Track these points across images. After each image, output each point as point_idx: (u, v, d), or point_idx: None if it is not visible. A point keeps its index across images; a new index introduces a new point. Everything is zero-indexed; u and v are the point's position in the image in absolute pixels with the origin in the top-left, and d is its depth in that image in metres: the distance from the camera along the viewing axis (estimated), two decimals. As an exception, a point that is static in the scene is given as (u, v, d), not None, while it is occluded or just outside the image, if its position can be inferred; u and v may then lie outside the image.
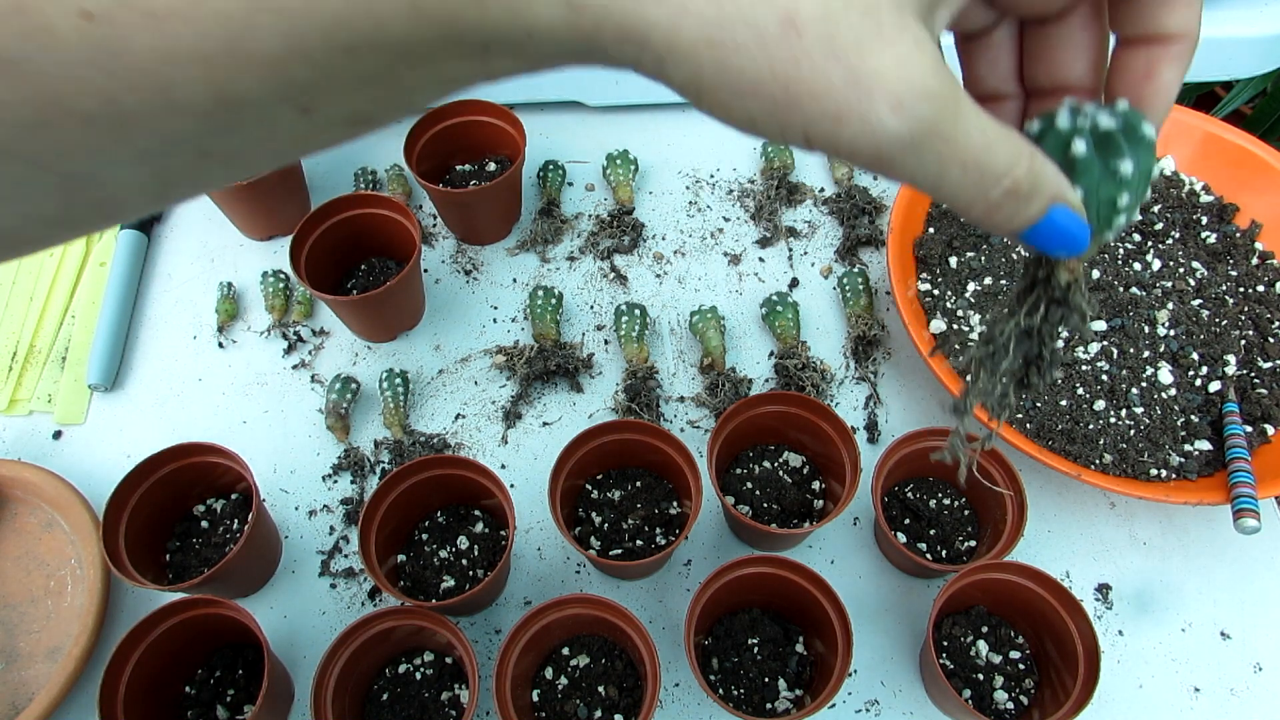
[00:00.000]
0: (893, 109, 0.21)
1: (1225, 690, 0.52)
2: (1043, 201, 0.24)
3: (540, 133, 0.76)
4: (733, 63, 0.21)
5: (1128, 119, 0.26)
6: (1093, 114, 0.25)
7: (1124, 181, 0.25)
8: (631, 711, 0.49)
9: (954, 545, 0.55)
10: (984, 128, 0.22)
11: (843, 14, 0.21)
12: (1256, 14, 0.71)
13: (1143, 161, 0.25)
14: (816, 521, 0.53)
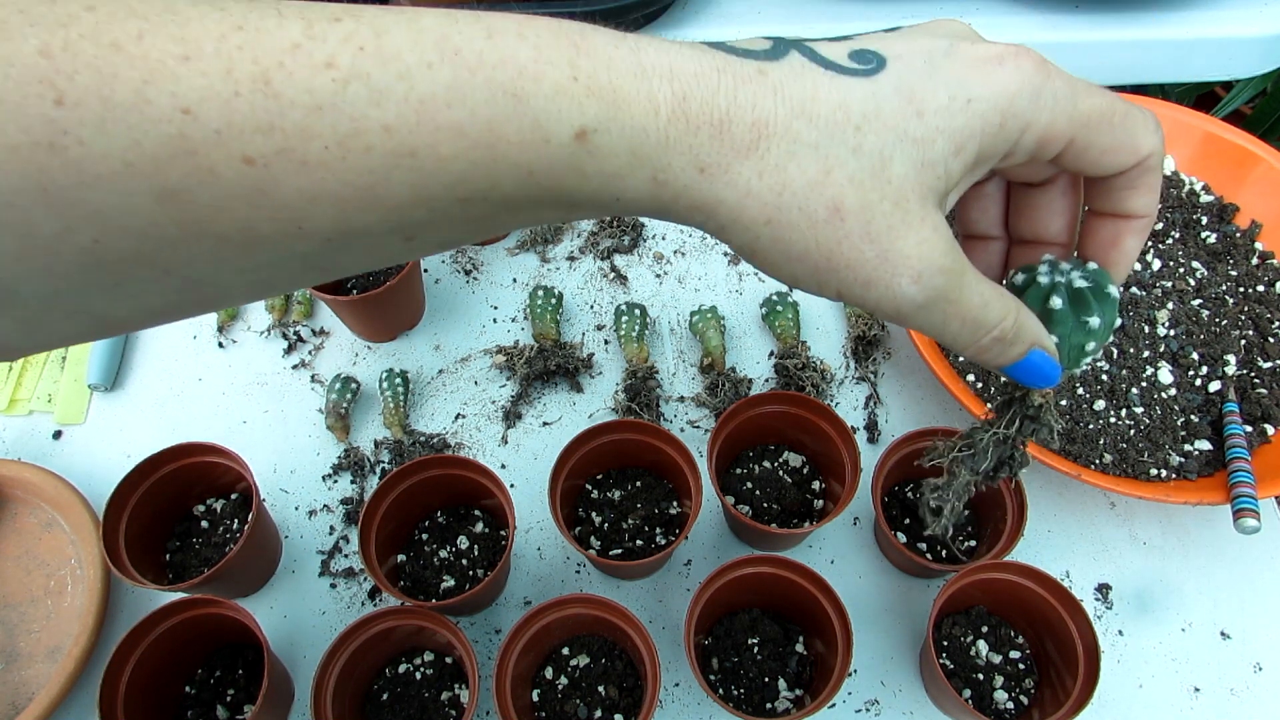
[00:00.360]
0: (912, 280, 0.27)
1: (1225, 690, 0.52)
2: (1023, 347, 0.30)
3: (540, 132, 0.76)
4: (785, 236, 0.27)
5: (1097, 278, 0.31)
6: (1068, 272, 0.31)
7: (1092, 331, 0.31)
8: (631, 711, 0.49)
9: (954, 545, 0.55)
10: (982, 291, 0.28)
11: (878, 205, 0.26)
12: (1256, 14, 0.71)
13: (1108, 315, 0.31)
14: (816, 521, 0.53)
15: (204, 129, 0.23)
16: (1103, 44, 0.71)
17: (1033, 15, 0.72)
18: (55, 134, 0.22)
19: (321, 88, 0.24)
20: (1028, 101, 0.27)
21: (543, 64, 0.25)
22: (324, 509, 0.60)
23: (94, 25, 0.22)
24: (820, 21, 0.72)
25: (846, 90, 0.26)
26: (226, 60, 0.23)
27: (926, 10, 0.72)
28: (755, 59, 0.27)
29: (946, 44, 0.28)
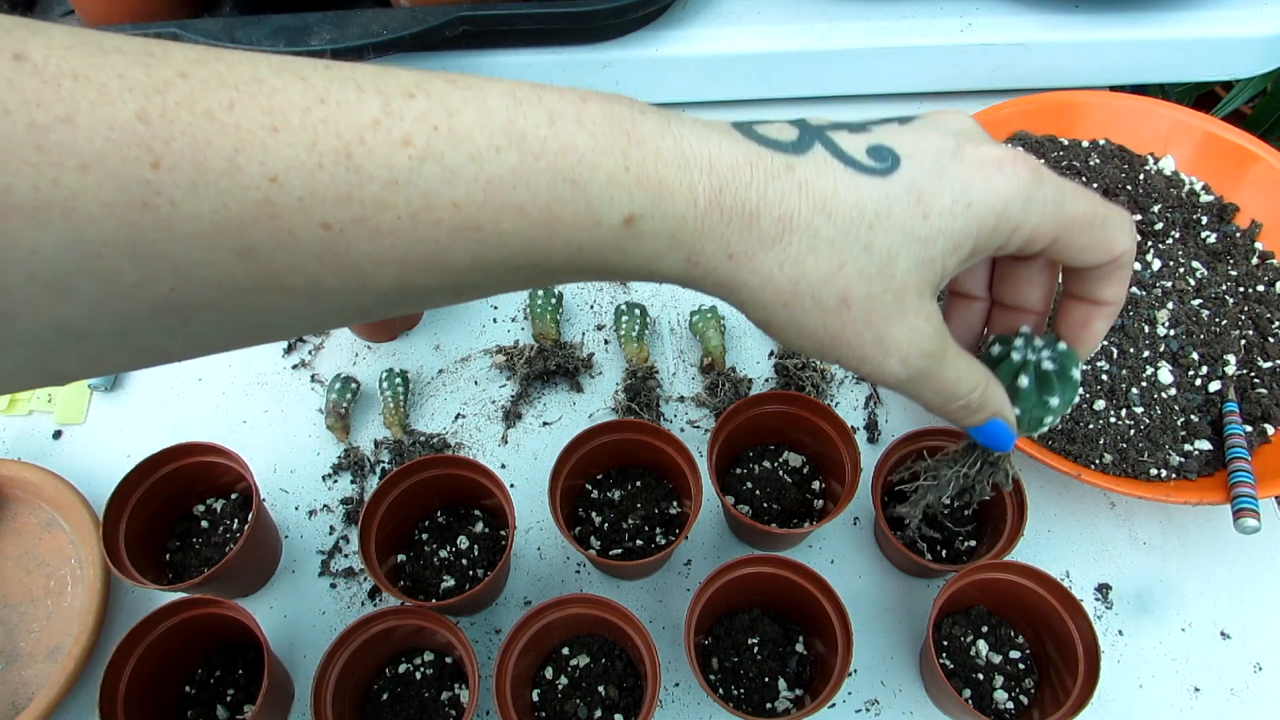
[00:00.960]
0: (900, 362, 0.31)
1: (1225, 690, 0.52)
2: (986, 415, 0.34)
3: (540, 132, 0.76)
4: (798, 318, 0.30)
5: (1063, 361, 0.35)
6: (1039, 350, 0.35)
7: (1051, 408, 0.35)
8: (631, 711, 0.49)
9: (954, 545, 0.55)
10: (957, 368, 0.33)
11: (881, 297, 0.30)
12: (1256, 14, 0.71)
13: (1068, 395, 0.35)
14: (816, 521, 0.53)
15: (288, 196, 0.25)
16: (1103, 44, 0.71)
17: (1033, 15, 0.72)
18: (149, 194, 0.23)
19: (399, 164, 0.26)
20: (1020, 207, 0.30)
21: (599, 153, 0.28)
22: (324, 509, 0.60)
23: (188, 92, 0.24)
24: (819, 21, 0.72)
25: (863, 190, 0.29)
26: (312, 133, 0.25)
27: (926, 10, 0.72)
28: (784, 152, 0.30)
29: (954, 144, 0.31)
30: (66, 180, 0.22)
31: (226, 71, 0.25)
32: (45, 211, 0.22)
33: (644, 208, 0.28)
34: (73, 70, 0.23)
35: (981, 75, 0.74)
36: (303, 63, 0.26)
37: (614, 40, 0.72)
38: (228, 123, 0.24)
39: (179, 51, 0.25)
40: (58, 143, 0.22)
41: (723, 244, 0.29)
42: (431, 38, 0.67)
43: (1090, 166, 0.66)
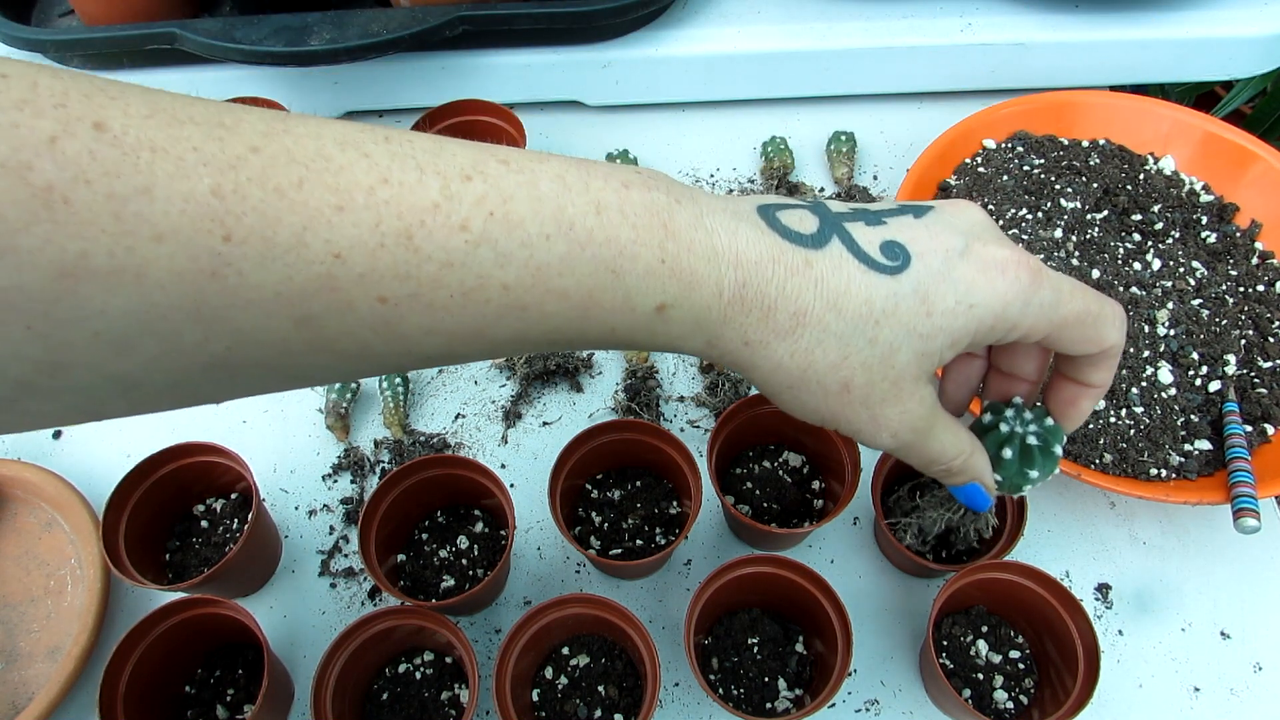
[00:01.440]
0: (891, 436, 0.34)
1: (1225, 690, 0.52)
2: (965, 479, 0.38)
3: (540, 132, 0.76)
4: (802, 398, 0.33)
5: (1048, 437, 0.38)
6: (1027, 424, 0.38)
7: (1030, 479, 0.38)
8: (631, 711, 0.49)
9: (954, 546, 0.55)
10: (942, 440, 0.36)
11: (879, 384, 0.33)
12: (1256, 14, 0.71)
13: (1047, 469, 0.38)
14: (816, 521, 0.53)
15: (350, 271, 0.26)
16: (1103, 44, 0.71)
17: (1033, 15, 0.72)
18: (219, 264, 0.24)
19: (455, 247, 0.27)
20: (1018, 309, 0.33)
21: (639, 245, 0.30)
22: (324, 509, 0.60)
23: (260, 169, 0.25)
24: (819, 21, 0.72)
25: (873, 288, 0.32)
26: (375, 214, 0.26)
27: (926, 10, 0.72)
28: (804, 246, 0.32)
29: (963, 243, 0.33)
30: (141, 249, 0.23)
31: (294, 146, 0.26)
32: (118, 277, 0.23)
33: (675, 298, 0.30)
34: (150, 142, 0.24)
35: (981, 75, 0.74)
36: (365, 136, 0.28)
37: (614, 40, 0.72)
38: (297, 200, 0.25)
39: (249, 122, 0.26)
40: (135, 213, 0.23)
41: (741, 332, 0.32)
42: (431, 37, 0.67)
43: (1090, 166, 0.66)
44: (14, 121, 0.22)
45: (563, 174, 0.30)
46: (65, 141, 0.22)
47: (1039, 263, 0.34)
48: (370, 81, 0.75)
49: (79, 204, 0.22)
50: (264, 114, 0.27)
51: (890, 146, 0.76)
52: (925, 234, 0.33)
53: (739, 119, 0.78)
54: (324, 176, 0.26)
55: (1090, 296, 0.35)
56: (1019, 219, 0.63)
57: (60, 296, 0.23)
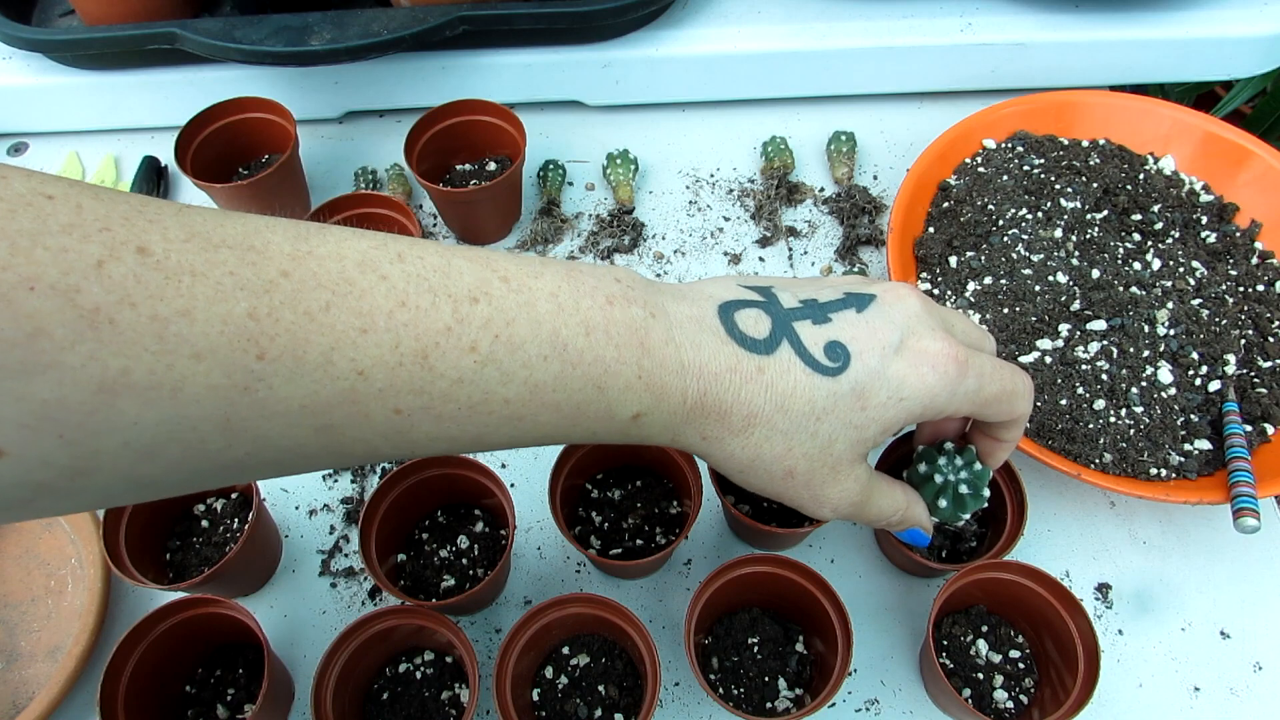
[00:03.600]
0: (832, 510, 0.39)
1: (1225, 689, 0.52)
2: (905, 527, 0.44)
3: (540, 132, 0.76)
4: (750, 480, 0.38)
5: (977, 482, 0.44)
6: (959, 471, 0.43)
7: (962, 518, 0.44)
8: (631, 711, 0.49)
9: (954, 546, 0.55)
10: (880, 505, 0.41)
11: (819, 470, 0.37)
12: (1256, 14, 0.71)
13: (977, 506, 0.44)
14: (816, 521, 0.53)
15: (371, 387, 0.29)
16: (1103, 44, 0.71)
17: (1033, 15, 0.72)
18: (251, 380, 0.26)
19: (465, 367, 0.30)
20: (945, 399, 0.37)
21: (620, 364, 0.33)
22: (324, 508, 0.60)
23: (291, 294, 0.27)
24: (819, 21, 0.72)
25: (816, 390, 0.36)
26: (395, 335, 0.29)
27: (926, 10, 0.72)
28: (758, 353, 0.36)
29: (898, 338, 0.37)
30: (180, 366, 0.25)
31: (320, 270, 0.28)
32: (155, 392, 0.25)
33: (648, 408, 0.35)
34: (190, 266, 0.25)
35: (981, 75, 0.74)
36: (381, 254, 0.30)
37: (614, 40, 0.72)
38: (325, 323, 0.28)
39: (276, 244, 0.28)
40: (176, 334, 0.25)
41: (700, 430, 0.36)
42: (431, 37, 0.67)
43: (1090, 166, 0.66)
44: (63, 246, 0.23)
45: (556, 292, 0.33)
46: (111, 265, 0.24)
47: (966, 352, 0.38)
48: (370, 81, 0.75)
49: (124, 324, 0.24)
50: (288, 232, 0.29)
51: (890, 146, 0.76)
52: (865, 331, 0.37)
53: (739, 119, 0.78)
54: (348, 300, 0.28)
55: (1006, 376, 0.39)
56: (1019, 219, 0.63)
57: (97, 409, 0.24)
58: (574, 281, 0.34)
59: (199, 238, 0.26)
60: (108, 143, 0.78)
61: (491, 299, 0.31)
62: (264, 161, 0.73)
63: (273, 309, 0.26)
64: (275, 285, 0.27)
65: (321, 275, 0.28)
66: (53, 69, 0.74)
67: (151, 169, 0.75)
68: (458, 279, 0.31)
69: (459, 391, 0.30)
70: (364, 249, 0.30)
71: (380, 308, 0.29)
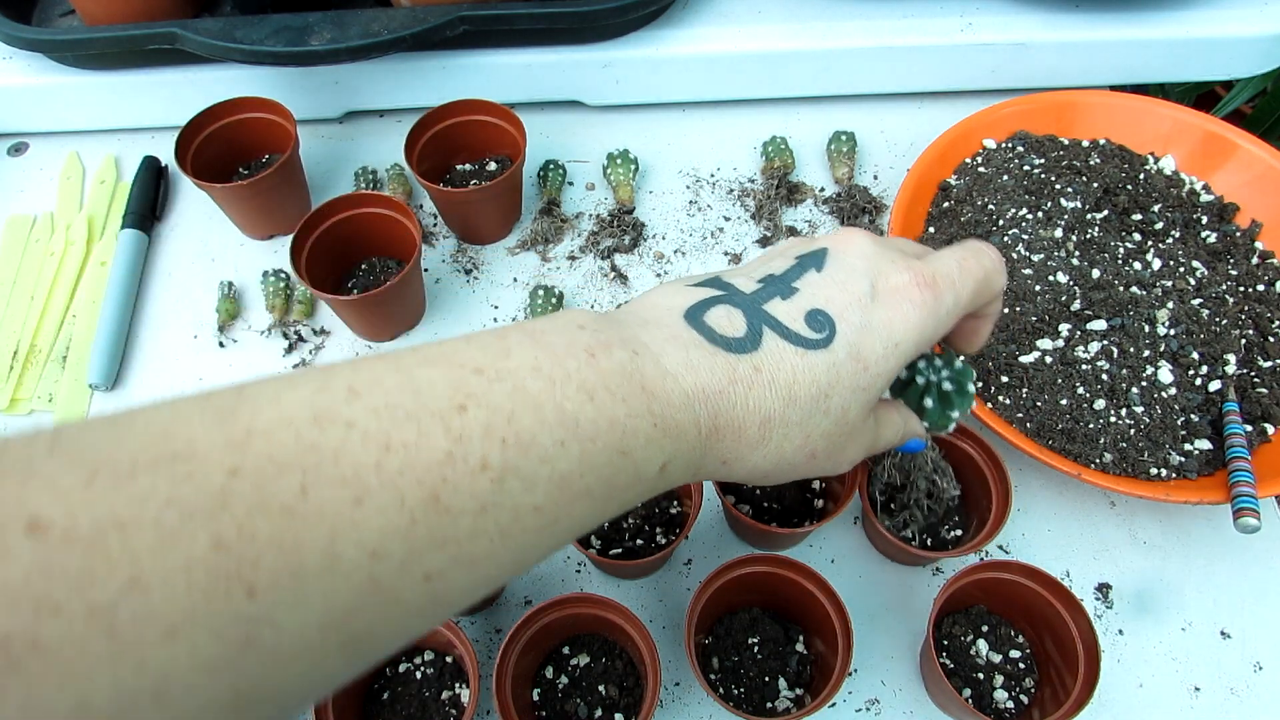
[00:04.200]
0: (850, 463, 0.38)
1: (1225, 689, 0.52)
2: (904, 439, 0.42)
3: (541, 132, 0.76)
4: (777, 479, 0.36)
5: (960, 379, 0.42)
6: (940, 371, 0.42)
7: (952, 418, 0.43)
8: (632, 711, 0.49)
9: (939, 534, 0.55)
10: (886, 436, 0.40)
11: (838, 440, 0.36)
12: (1256, 14, 0.71)
13: (965, 406, 0.43)
14: (816, 521, 0.53)
15: (389, 564, 0.23)
16: (1103, 44, 0.71)
17: (1033, 15, 0.72)
18: (250, 628, 0.20)
19: (483, 491, 0.25)
20: (934, 326, 0.36)
21: (633, 418, 0.29)
22: (324, 508, 0.60)
23: (253, 493, 0.21)
24: (819, 21, 0.72)
25: (815, 367, 0.34)
26: (395, 490, 0.23)
27: (926, 10, 0.72)
28: (748, 354, 0.33)
29: (868, 285, 0.35)
30: (153, 658, 0.18)
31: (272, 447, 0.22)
32: (133, 709, 0.18)
33: (671, 455, 0.31)
34: (111, 517, 0.19)
35: (981, 75, 0.74)
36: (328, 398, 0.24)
37: (614, 40, 0.72)
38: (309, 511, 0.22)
39: (201, 438, 0.22)
40: (131, 616, 0.18)
41: (719, 456, 0.33)
42: (432, 37, 0.67)
43: (1090, 166, 0.66)
44: None
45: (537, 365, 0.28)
46: (2, 569, 0.17)
47: (930, 269, 0.36)
48: (370, 81, 0.75)
49: (53, 640, 0.17)
50: (206, 416, 0.22)
51: (890, 146, 0.76)
52: (836, 289, 0.35)
53: (739, 119, 0.78)
54: (325, 470, 0.22)
55: (972, 266, 0.38)
56: (1019, 219, 0.63)
57: None
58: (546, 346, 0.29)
59: (104, 473, 0.19)
60: (108, 143, 0.78)
61: (478, 399, 0.26)
62: (264, 161, 0.73)
63: (241, 524, 0.20)
64: (229, 492, 0.21)
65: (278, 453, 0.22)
66: (53, 69, 0.74)
67: (151, 169, 0.75)
68: (430, 391, 0.26)
69: (485, 523, 0.25)
70: (307, 398, 0.24)
71: (364, 463, 0.23)
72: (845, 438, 0.36)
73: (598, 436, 0.28)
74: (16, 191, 0.76)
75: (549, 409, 0.27)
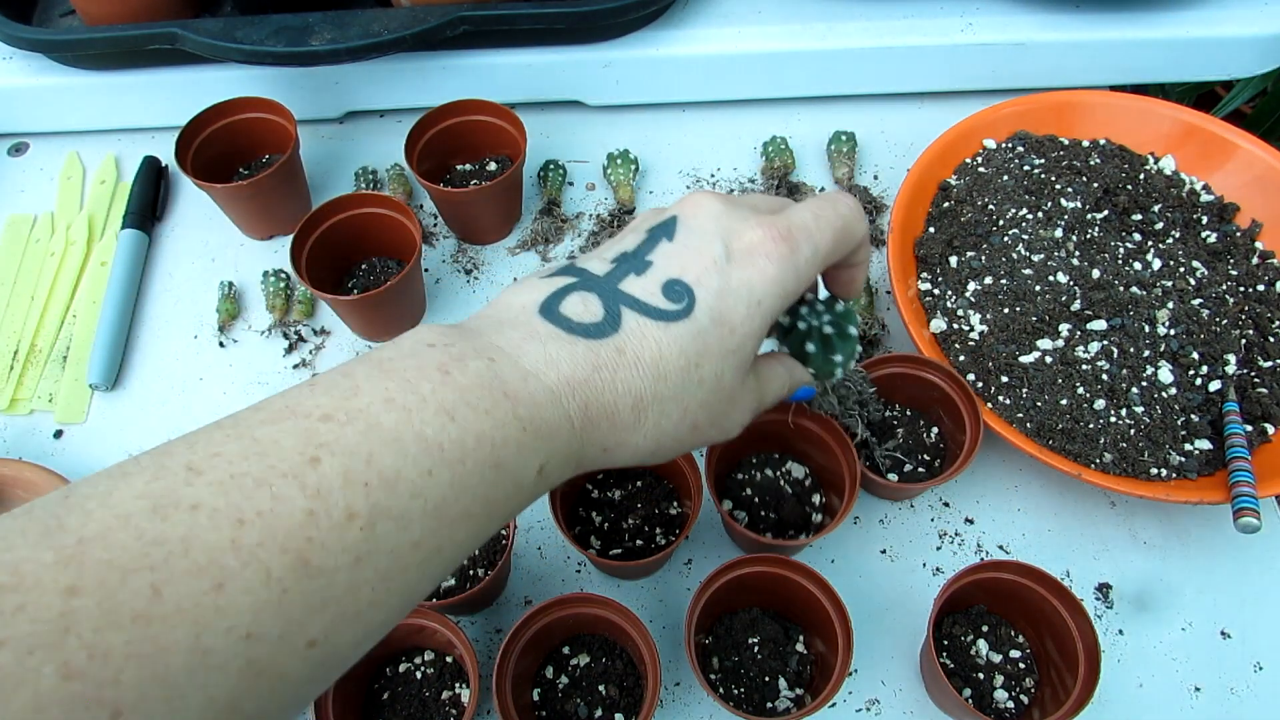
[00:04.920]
0: (739, 427, 0.38)
1: (1225, 689, 0.52)
2: (791, 389, 0.42)
3: (541, 132, 0.76)
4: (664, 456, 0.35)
5: (840, 323, 0.42)
6: (821, 315, 0.42)
7: (836, 363, 0.43)
8: (632, 711, 0.49)
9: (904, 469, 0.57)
10: (773, 391, 0.40)
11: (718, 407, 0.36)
12: (1256, 14, 0.71)
13: (848, 350, 0.43)
14: (812, 535, 0.53)
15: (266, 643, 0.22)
16: (1103, 44, 0.71)
17: (1033, 15, 0.72)
18: None
19: (354, 541, 0.24)
20: (794, 279, 0.35)
21: (501, 428, 0.28)
22: (324, 508, 0.60)
23: (97, 606, 0.19)
24: (819, 21, 0.72)
25: (680, 338, 0.33)
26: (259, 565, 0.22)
27: (926, 10, 0.72)
28: (608, 337, 0.32)
29: (722, 248, 0.35)
30: None
31: (110, 551, 0.20)
32: None
33: (546, 456, 0.31)
34: None
35: (981, 75, 0.74)
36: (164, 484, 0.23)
37: (614, 40, 0.72)
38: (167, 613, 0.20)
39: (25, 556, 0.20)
40: None
41: (598, 444, 0.33)
42: (432, 38, 0.67)
43: (1090, 166, 0.66)
44: None
45: (389, 396, 0.27)
46: None
47: (785, 222, 0.36)
48: (370, 81, 0.75)
49: None
50: (31, 533, 0.21)
51: (891, 146, 0.76)
52: (690, 256, 0.35)
53: (739, 119, 0.78)
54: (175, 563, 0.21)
55: (829, 216, 0.37)
56: (1019, 219, 0.63)
57: None
58: (395, 373, 0.28)
59: None
60: (108, 143, 0.78)
61: (330, 447, 0.25)
62: (264, 161, 0.73)
63: (91, 645, 0.19)
64: (71, 613, 0.19)
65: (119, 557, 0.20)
66: (53, 69, 0.74)
67: (151, 169, 0.75)
68: (276, 450, 0.24)
69: (363, 573, 0.24)
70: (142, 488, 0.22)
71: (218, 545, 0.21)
72: (725, 403, 0.36)
73: (466, 457, 0.27)
74: (16, 191, 0.76)
75: (409, 439, 0.26)
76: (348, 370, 0.28)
